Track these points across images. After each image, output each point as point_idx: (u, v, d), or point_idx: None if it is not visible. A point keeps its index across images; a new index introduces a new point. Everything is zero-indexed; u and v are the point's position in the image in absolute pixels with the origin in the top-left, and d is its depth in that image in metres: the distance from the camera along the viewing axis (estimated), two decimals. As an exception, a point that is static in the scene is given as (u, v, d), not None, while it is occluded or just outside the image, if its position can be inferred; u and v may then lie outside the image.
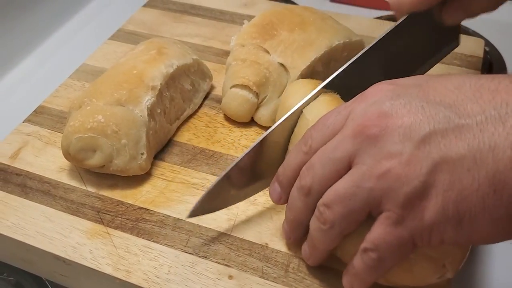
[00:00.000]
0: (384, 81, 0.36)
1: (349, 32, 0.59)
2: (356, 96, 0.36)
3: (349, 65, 0.45)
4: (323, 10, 0.62)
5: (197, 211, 0.44)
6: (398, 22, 0.45)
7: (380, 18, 0.76)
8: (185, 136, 0.55)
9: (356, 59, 0.45)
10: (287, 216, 0.40)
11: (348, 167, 0.34)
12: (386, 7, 0.81)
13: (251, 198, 0.49)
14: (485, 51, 0.68)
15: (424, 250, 0.35)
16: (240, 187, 0.45)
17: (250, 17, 0.61)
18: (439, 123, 0.31)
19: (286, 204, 0.41)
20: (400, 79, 0.36)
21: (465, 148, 0.30)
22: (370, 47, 0.45)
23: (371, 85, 0.36)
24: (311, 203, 0.36)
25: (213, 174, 0.51)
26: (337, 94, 0.45)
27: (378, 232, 0.32)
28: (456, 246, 0.35)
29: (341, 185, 0.33)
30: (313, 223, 0.36)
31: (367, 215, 0.34)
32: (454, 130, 0.30)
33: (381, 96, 0.34)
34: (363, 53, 0.45)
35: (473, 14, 0.46)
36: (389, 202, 0.31)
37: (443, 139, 0.30)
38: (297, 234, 0.41)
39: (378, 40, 0.45)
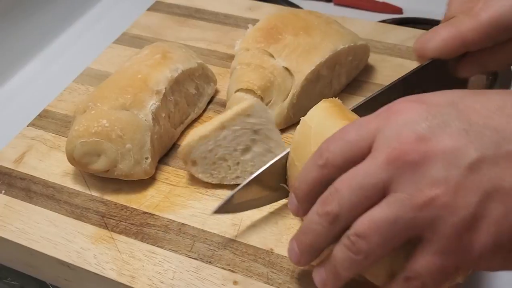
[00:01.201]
0: (410, 97, 0.33)
1: (354, 36, 0.58)
2: (380, 111, 0.33)
3: (366, 100, 0.46)
4: (327, 13, 0.62)
5: (225, 208, 0.43)
6: (420, 65, 0.46)
7: (383, 21, 0.76)
8: (190, 141, 0.55)
9: (375, 95, 0.45)
10: (302, 239, 0.36)
11: (381, 195, 0.31)
12: (389, 10, 0.81)
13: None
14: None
15: None
16: (270, 189, 0.45)
17: (254, 21, 0.60)
18: (488, 148, 0.29)
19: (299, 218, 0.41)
20: (429, 94, 0.33)
21: None
22: (390, 86, 0.46)
23: None
24: (337, 230, 0.33)
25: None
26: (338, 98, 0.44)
27: (422, 261, 0.30)
28: None
29: (378, 214, 0.31)
30: (341, 252, 0.33)
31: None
32: (505, 158, 0.28)
33: (414, 116, 0.31)
34: (382, 90, 0.46)
35: (488, 69, 0.46)
36: (434, 231, 0.29)
37: (493, 166, 0.28)
38: (309, 260, 0.37)
39: (399, 80, 0.46)
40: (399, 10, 0.81)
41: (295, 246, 0.36)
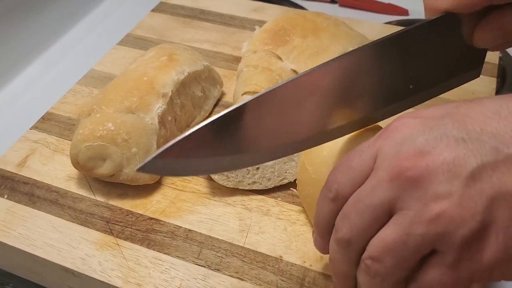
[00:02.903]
0: (406, 114, 0.33)
1: (363, 38, 0.57)
2: (379, 133, 0.33)
3: (367, 48, 0.38)
4: (332, 14, 0.61)
5: (152, 166, 0.33)
6: (425, 20, 0.37)
7: (389, 23, 0.75)
8: (196, 144, 0.54)
9: (376, 43, 0.38)
10: (331, 269, 0.36)
11: (389, 213, 0.31)
12: (395, 12, 0.80)
13: (264, 208, 0.48)
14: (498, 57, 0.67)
15: None
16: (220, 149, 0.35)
17: (260, 22, 0.60)
18: (487, 155, 0.28)
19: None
20: (423, 110, 0.32)
21: None
22: (390, 37, 0.37)
23: (392, 88, 0.34)
24: (353, 255, 0.33)
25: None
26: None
27: (434, 274, 0.30)
28: None
29: (388, 235, 0.30)
30: (362, 277, 0.33)
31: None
32: (505, 162, 0.28)
33: (411, 132, 0.31)
34: (383, 40, 0.37)
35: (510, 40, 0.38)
36: (444, 244, 0.29)
37: (494, 172, 0.28)
38: (348, 287, 0.36)
39: (402, 32, 0.37)
40: (405, 12, 0.80)
41: (332, 277, 0.37)
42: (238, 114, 0.34)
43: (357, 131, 0.39)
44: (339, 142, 0.40)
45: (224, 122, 0.34)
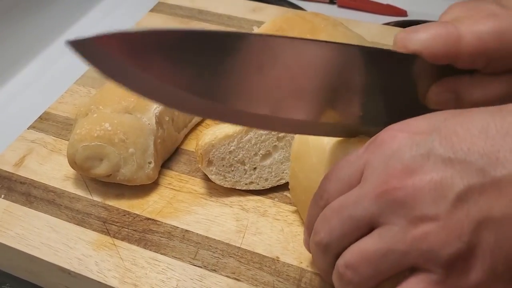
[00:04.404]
0: (394, 126, 0.32)
1: (361, 39, 0.57)
2: (367, 144, 0.33)
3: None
4: (330, 15, 0.61)
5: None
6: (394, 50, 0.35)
7: (388, 24, 0.75)
8: (193, 145, 0.54)
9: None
10: (315, 265, 0.37)
11: (370, 226, 0.31)
12: (394, 13, 0.80)
13: (261, 209, 0.48)
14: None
15: None
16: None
17: (258, 23, 0.59)
18: (473, 177, 0.28)
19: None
20: (411, 121, 0.32)
21: (508, 205, 0.28)
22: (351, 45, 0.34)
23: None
24: (331, 260, 0.33)
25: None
26: None
27: None
28: None
29: (368, 246, 0.30)
30: (336, 281, 0.33)
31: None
32: (492, 185, 0.28)
33: (399, 146, 0.31)
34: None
35: (462, 103, 0.36)
36: (429, 263, 0.29)
37: (481, 196, 0.28)
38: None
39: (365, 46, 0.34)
40: (403, 13, 0.80)
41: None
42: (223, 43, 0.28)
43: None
44: (327, 149, 0.40)
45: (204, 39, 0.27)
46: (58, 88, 0.62)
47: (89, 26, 0.78)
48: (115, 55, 0.27)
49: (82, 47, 0.26)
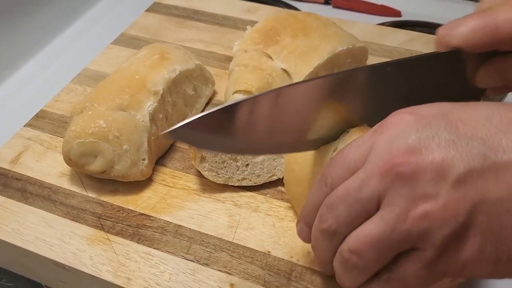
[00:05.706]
0: (403, 110, 0.33)
1: (353, 39, 0.58)
2: (375, 127, 0.34)
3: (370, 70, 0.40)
4: (325, 15, 0.62)
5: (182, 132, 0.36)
6: (434, 52, 0.39)
7: (382, 24, 0.76)
8: (187, 142, 0.55)
9: (376, 66, 0.40)
10: (315, 254, 0.37)
11: (377, 207, 0.31)
12: (388, 13, 0.81)
13: (253, 205, 0.48)
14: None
15: None
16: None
17: (253, 23, 0.60)
18: (474, 160, 0.29)
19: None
20: (420, 107, 0.33)
21: (504, 189, 0.29)
22: (393, 62, 0.40)
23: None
24: (336, 245, 0.34)
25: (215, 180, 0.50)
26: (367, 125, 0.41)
27: (410, 267, 0.31)
28: None
29: (372, 230, 0.31)
30: (338, 267, 0.34)
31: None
32: (490, 169, 0.29)
33: (405, 128, 0.31)
34: (386, 64, 0.40)
35: (509, 83, 0.40)
36: (424, 242, 0.30)
37: (479, 178, 0.29)
38: (331, 270, 0.36)
39: (406, 59, 0.40)
40: (397, 13, 0.81)
41: (316, 260, 0.38)
42: (252, 105, 0.38)
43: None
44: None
45: (239, 109, 0.37)
46: (54, 86, 0.62)
47: (86, 25, 0.79)
48: (198, 131, 0.36)
49: (177, 132, 0.35)
